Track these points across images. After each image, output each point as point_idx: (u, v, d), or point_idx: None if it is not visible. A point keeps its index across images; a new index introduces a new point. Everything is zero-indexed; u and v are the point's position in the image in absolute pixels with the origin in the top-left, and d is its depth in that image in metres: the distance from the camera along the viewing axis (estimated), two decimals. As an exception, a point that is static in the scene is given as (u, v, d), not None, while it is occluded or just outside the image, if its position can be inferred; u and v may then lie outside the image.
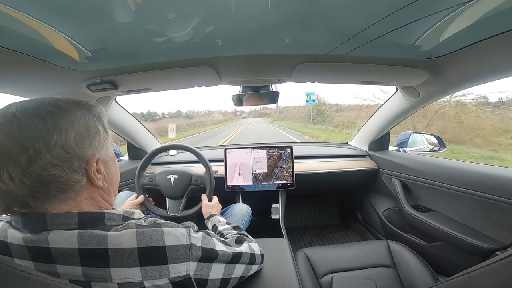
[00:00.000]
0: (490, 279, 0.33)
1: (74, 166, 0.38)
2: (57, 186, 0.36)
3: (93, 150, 0.41)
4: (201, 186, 1.14)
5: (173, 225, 0.43)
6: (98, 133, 0.42)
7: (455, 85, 0.94)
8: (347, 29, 0.66)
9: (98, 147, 0.42)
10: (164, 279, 0.38)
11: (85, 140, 0.39)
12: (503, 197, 0.84)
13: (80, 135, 0.38)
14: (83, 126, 0.39)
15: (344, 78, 1.06)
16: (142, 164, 1.16)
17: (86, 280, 0.36)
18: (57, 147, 0.35)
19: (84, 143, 0.39)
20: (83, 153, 0.39)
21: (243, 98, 1.15)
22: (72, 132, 0.37)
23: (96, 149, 0.41)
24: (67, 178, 0.37)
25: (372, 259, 0.97)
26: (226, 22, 0.62)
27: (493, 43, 0.65)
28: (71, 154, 0.37)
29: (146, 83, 0.97)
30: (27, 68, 0.70)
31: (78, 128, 0.38)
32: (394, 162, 1.40)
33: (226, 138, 14.05)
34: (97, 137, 0.41)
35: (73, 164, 0.37)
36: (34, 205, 0.36)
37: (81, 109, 0.41)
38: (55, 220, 0.37)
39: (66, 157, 0.36)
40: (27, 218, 0.37)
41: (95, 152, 0.41)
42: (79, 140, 0.38)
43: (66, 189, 0.38)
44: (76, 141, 0.38)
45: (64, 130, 0.37)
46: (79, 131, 0.38)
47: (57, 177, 0.36)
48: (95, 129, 0.41)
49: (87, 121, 0.40)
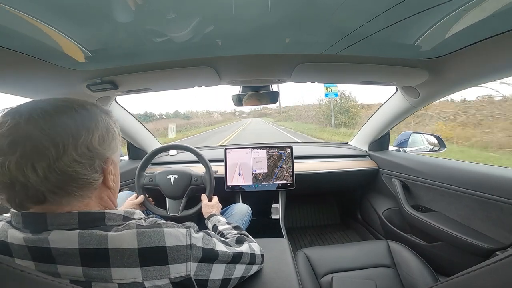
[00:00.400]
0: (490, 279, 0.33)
1: (95, 165, 0.40)
2: (78, 183, 0.38)
3: (111, 152, 0.43)
4: (201, 186, 1.14)
5: (174, 225, 0.43)
6: (115, 135, 0.45)
7: (455, 85, 0.94)
8: (347, 29, 0.66)
9: (114, 149, 0.45)
10: (165, 280, 0.38)
11: (106, 141, 0.42)
12: (503, 197, 0.84)
13: (102, 136, 0.41)
14: (105, 129, 0.42)
15: (344, 78, 1.06)
16: (142, 164, 1.16)
17: (86, 280, 0.36)
18: (83, 146, 0.37)
19: (105, 144, 0.41)
20: (103, 154, 0.41)
21: (243, 98, 1.15)
22: (97, 132, 0.40)
23: (113, 150, 0.44)
24: (88, 176, 0.39)
25: (372, 259, 0.97)
26: (226, 22, 0.62)
27: (493, 43, 0.65)
28: (93, 153, 0.39)
29: (146, 83, 0.97)
30: (27, 68, 0.70)
31: (101, 130, 0.41)
32: (394, 162, 1.40)
33: (219, 142, 11.30)
34: (114, 140, 0.44)
35: (94, 163, 0.40)
36: (53, 200, 0.37)
37: (103, 113, 0.44)
38: (56, 220, 0.37)
39: (89, 156, 0.38)
40: (28, 218, 0.37)
41: (112, 154, 0.44)
42: (101, 141, 0.40)
43: (85, 186, 0.39)
44: (99, 142, 0.40)
45: (91, 130, 0.39)
46: (102, 132, 0.41)
47: (80, 174, 0.38)
48: (113, 132, 0.44)
49: (108, 124, 0.43)
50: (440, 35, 0.67)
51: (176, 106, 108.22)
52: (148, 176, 1.16)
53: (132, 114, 1.39)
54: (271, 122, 34.08)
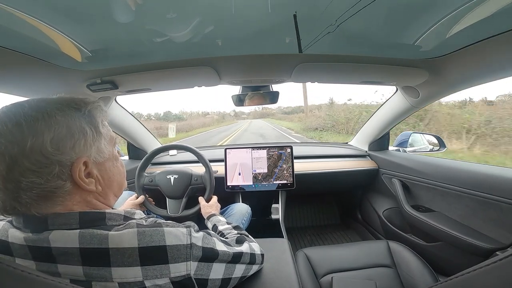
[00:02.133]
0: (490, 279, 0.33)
1: (55, 171, 0.35)
2: (37, 193, 0.35)
3: (77, 153, 0.38)
4: (201, 185, 1.14)
5: (174, 224, 0.43)
6: (84, 134, 0.39)
7: (455, 85, 0.94)
8: (347, 29, 0.66)
9: (84, 149, 0.39)
10: (165, 279, 0.38)
11: (66, 143, 0.36)
12: (503, 197, 0.84)
13: (59, 138, 0.36)
14: (64, 128, 0.36)
15: (344, 78, 1.06)
16: (142, 164, 1.16)
17: (87, 280, 0.36)
18: (34, 152, 0.34)
19: (66, 147, 0.36)
20: (63, 158, 0.36)
21: (243, 98, 1.15)
22: (49, 135, 0.35)
23: (82, 151, 0.38)
24: (47, 185, 0.35)
25: (372, 259, 0.97)
26: (226, 22, 0.62)
27: (493, 43, 0.65)
28: (50, 159, 0.35)
29: (146, 83, 0.97)
30: (27, 68, 0.70)
31: (57, 131, 0.36)
32: (394, 162, 1.40)
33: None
34: (82, 139, 0.38)
35: (53, 170, 0.35)
36: (21, 209, 0.36)
37: (66, 108, 0.38)
38: (57, 220, 0.37)
39: (45, 163, 0.34)
40: (28, 218, 0.37)
41: (81, 155, 0.38)
42: (59, 144, 0.36)
43: (48, 196, 0.36)
44: (56, 145, 0.35)
45: (40, 133, 0.34)
46: (58, 134, 0.36)
47: (36, 183, 0.34)
48: (79, 131, 0.38)
49: (69, 122, 0.37)
50: (440, 35, 0.67)
51: (168, 105, 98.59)
52: (148, 176, 1.16)
53: (132, 114, 1.40)
54: (275, 126, 20.83)
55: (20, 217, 0.38)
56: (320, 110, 17.23)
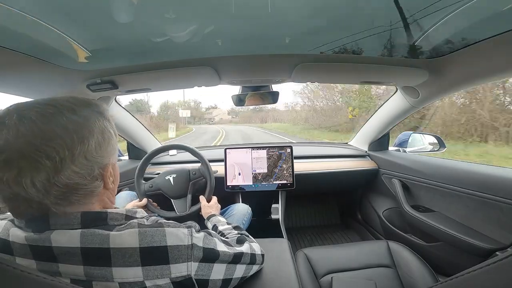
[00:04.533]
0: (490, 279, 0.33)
1: (95, 173, 0.39)
2: (80, 193, 0.37)
3: (109, 156, 0.42)
4: (201, 178, 1.14)
5: (175, 225, 0.43)
6: (111, 137, 0.42)
7: (455, 85, 0.94)
8: (347, 29, 0.66)
9: (112, 151, 0.43)
10: (165, 279, 0.38)
11: (103, 146, 0.40)
12: (503, 197, 0.84)
13: (99, 143, 0.39)
14: (100, 134, 0.40)
15: (344, 78, 1.06)
16: (141, 165, 1.15)
17: (87, 280, 0.36)
18: (80, 156, 0.36)
19: (102, 150, 0.40)
20: (101, 160, 0.40)
21: (243, 98, 1.15)
22: (93, 140, 0.38)
23: (111, 154, 0.42)
24: (89, 186, 0.38)
25: (372, 259, 0.97)
26: (226, 22, 0.62)
27: (493, 43, 0.65)
28: (91, 162, 0.38)
29: (146, 83, 0.97)
30: (27, 68, 0.70)
31: (96, 136, 0.39)
32: (394, 162, 1.40)
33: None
34: (111, 142, 0.42)
35: (93, 172, 0.38)
36: (56, 210, 0.36)
37: (96, 113, 0.41)
38: (58, 220, 0.37)
39: (87, 165, 0.37)
40: (31, 217, 0.37)
41: (111, 157, 0.42)
42: (98, 148, 0.39)
43: (87, 195, 0.39)
44: (96, 149, 0.38)
45: (86, 139, 0.37)
46: (97, 138, 0.39)
47: (80, 184, 0.37)
48: (109, 134, 0.42)
49: (103, 128, 0.41)
50: (440, 35, 0.67)
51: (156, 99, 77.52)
52: (147, 182, 1.15)
53: (132, 114, 1.40)
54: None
55: (25, 217, 0.38)
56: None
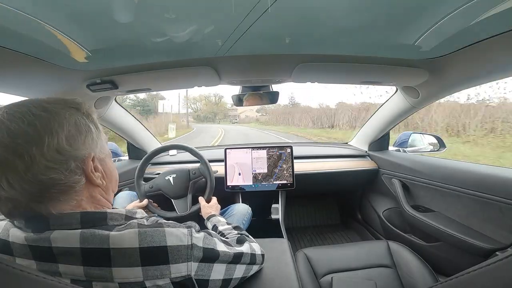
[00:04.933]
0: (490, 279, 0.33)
1: (71, 167, 0.37)
2: (59, 189, 0.36)
3: (87, 149, 0.40)
4: (201, 178, 1.14)
5: (175, 225, 0.43)
6: (89, 131, 0.41)
7: (455, 85, 0.94)
8: (347, 29, 0.66)
9: (92, 145, 0.41)
10: (165, 279, 0.38)
11: (78, 139, 0.39)
12: (503, 197, 0.84)
13: (71, 135, 0.38)
14: (73, 126, 0.39)
15: (344, 78, 1.06)
16: (141, 165, 1.15)
17: (87, 280, 0.36)
18: (51, 150, 0.35)
19: (78, 143, 0.39)
20: (77, 153, 0.38)
21: (243, 98, 1.15)
22: (63, 133, 0.37)
23: (90, 147, 0.41)
24: (67, 180, 0.37)
25: (372, 259, 0.97)
26: (226, 22, 0.62)
27: (493, 43, 0.65)
28: (65, 156, 0.37)
29: (146, 83, 0.97)
30: (27, 68, 0.70)
31: (68, 129, 0.38)
32: (394, 162, 1.40)
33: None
34: (89, 136, 0.41)
35: (70, 166, 0.37)
36: (38, 209, 0.36)
37: (68, 108, 0.40)
38: (58, 220, 0.37)
39: (61, 159, 0.36)
40: (31, 218, 0.37)
41: (90, 151, 0.41)
42: (71, 141, 0.38)
43: (67, 191, 0.38)
44: (69, 142, 0.37)
45: (55, 132, 0.36)
46: (69, 131, 0.38)
47: (57, 179, 0.36)
48: (86, 128, 0.41)
49: (76, 121, 0.40)
50: (440, 35, 0.67)
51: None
52: (147, 183, 1.15)
53: (132, 114, 1.40)
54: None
55: (22, 217, 0.38)
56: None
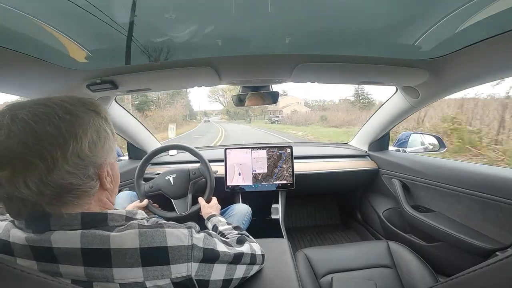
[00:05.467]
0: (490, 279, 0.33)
1: (90, 173, 0.38)
2: (75, 194, 0.37)
3: (105, 155, 0.41)
4: (201, 178, 1.14)
5: (175, 225, 0.44)
6: (107, 137, 0.41)
7: (455, 85, 0.94)
8: (347, 29, 0.66)
9: (109, 151, 0.42)
10: (166, 280, 0.38)
11: (98, 146, 0.39)
12: (503, 197, 0.84)
13: (93, 141, 0.38)
14: (95, 132, 0.39)
15: (344, 78, 1.06)
16: (141, 165, 1.15)
17: (88, 280, 0.36)
18: (74, 156, 0.35)
19: (97, 150, 0.39)
20: (97, 160, 0.39)
21: (243, 98, 1.15)
22: (86, 139, 0.37)
23: (107, 153, 0.41)
24: (84, 186, 0.38)
25: (372, 259, 0.97)
26: (226, 22, 0.62)
27: (493, 43, 0.65)
28: (86, 161, 0.37)
29: (146, 83, 0.97)
30: (28, 68, 0.70)
31: (91, 135, 0.38)
32: (394, 162, 1.40)
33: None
34: (107, 142, 0.41)
35: (88, 171, 0.38)
36: (51, 211, 0.36)
37: (90, 112, 0.40)
38: (59, 221, 0.37)
39: (82, 165, 0.36)
40: (32, 218, 0.37)
41: (107, 157, 0.41)
42: (92, 147, 0.38)
43: (82, 195, 0.38)
44: (90, 148, 0.37)
45: (79, 138, 0.36)
46: (92, 137, 0.38)
47: (75, 184, 0.36)
48: (105, 134, 0.41)
49: (97, 126, 0.40)
50: (440, 35, 0.67)
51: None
52: (147, 183, 1.15)
53: (132, 114, 1.40)
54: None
55: (28, 218, 0.38)
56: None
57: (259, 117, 29.28)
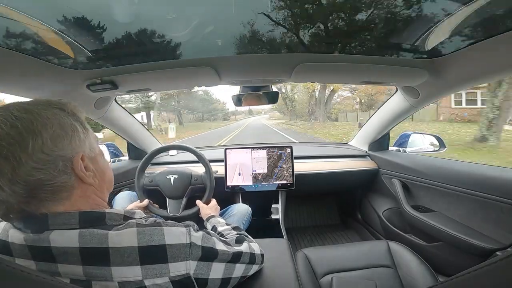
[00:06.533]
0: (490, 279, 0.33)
1: (59, 167, 0.37)
2: (48, 189, 0.36)
3: (75, 149, 0.40)
4: (201, 185, 1.14)
5: (174, 224, 0.44)
6: (75, 130, 0.41)
7: (455, 85, 0.94)
8: (347, 29, 0.66)
9: (80, 144, 0.41)
10: (164, 278, 0.38)
11: (64, 139, 0.38)
12: (503, 197, 0.84)
13: (56, 135, 0.37)
14: (58, 126, 0.38)
15: (344, 78, 1.06)
16: (142, 165, 1.16)
17: (87, 279, 0.36)
18: (36, 151, 0.35)
19: (63, 143, 0.38)
20: (64, 153, 0.38)
21: (243, 98, 1.15)
22: (47, 134, 0.36)
23: (78, 146, 0.41)
24: (55, 180, 0.37)
25: (372, 259, 0.97)
26: (226, 22, 0.62)
27: (493, 43, 0.65)
28: (52, 156, 0.36)
29: (146, 83, 0.97)
30: (28, 68, 0.70)
31: (52, 129, 0.37)
32: (394, 162, 1.40)
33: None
34: (75, 135, 0.40)
35: (58, 165, 0.37)
36: (29, 210, 0.36)
37: (52, 108, 0.39)
38: (57, 220, 0.37)
39: (48, 160, 0.36)
40: (29, 218, 0.37)
41: (78, 150, 0.40)
42: (57, 141, 0.37)
43: (57, 191, 0.38)
44: (54, 142, 0.37)
45: (39, 133, 0.35)
46: (54, 131, 0.37)
47: (45, 180, 0.36)
48: (71, 127, 0.40)
49: (60, 121, 0.39)
50: (440, 35, 0.67)
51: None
52: (148, 176, 1.16)
53: (132, 114, 1.40)
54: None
55: (18, 219, 0.38)
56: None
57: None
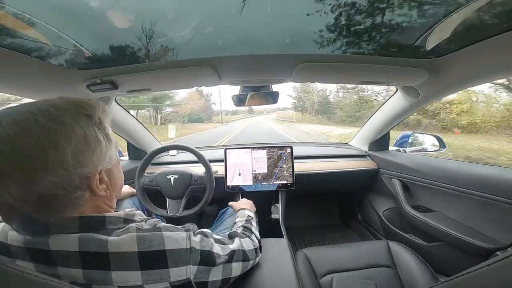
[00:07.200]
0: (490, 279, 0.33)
1: (76, 183, 0.36)
2: (59, 203, 0.36)
3: (94, 164, 0.38)
4: (201, 186, 1.14)
5: (174, 228, 0.43)
6: (99, 144, 0.39)
7: (455, 85, 0.94)
8: (348, 29, 0.66)
9: (100, 159, 0.39)
10: (165, 283, 0.38)
11: (85, 154, 0.37)
12: (503, 197, 0.84)
13: (79, 150, 0.36)
14: (82, 140, 0.36)
15: (344, 78, 1.06)
16: (142, 165, 1.16)
17: (87, 283, 0.36)
18: (56, 166, 0.33)
19: (85, 158, 0.37)
20: (83, 170, 0.37)
21: (243, 98, 1.15)
22: (69, 148, 0.34)
23: (98, 161, 0.39)
24: (70, 196, 0.36)
25: (372, 259, 0.97)
26: (226, 22, 0.62)
27: (493, 43, 0.65)
28: (71, 172, 0.35)
29: (146, 83, 0.97)
30: (28, 68, 0.70)
31: (76, 143, 0.35)
32: (394, 162, 1.40)
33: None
34: (98, 149, 0.39)
35: (74, 182, 0.36)
36: (38, 218, 0.35)
37: (80, 116, 0.38)
38: (57, 224, 0.37)
39: (66, 175, 0.35)
40: (28, 221, 0.37)
41: (97, 165, 0.39)
42: (78, 156, 0.35)
43: (68, 204, 0.37)
44: (75, 158, 0.35)
45: (61, 148, 0.34)
46: (77, 146, 0.35)
47: (60, 195, 0.35)
48: (95, 141, 0.38)
49: (86, 133, 0.37)
50: (440, 35, 0.67)
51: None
52: (148, 176, 1.16)
53: (132, 114, 1.40)
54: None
55: (21, 221, 0.37)
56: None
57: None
